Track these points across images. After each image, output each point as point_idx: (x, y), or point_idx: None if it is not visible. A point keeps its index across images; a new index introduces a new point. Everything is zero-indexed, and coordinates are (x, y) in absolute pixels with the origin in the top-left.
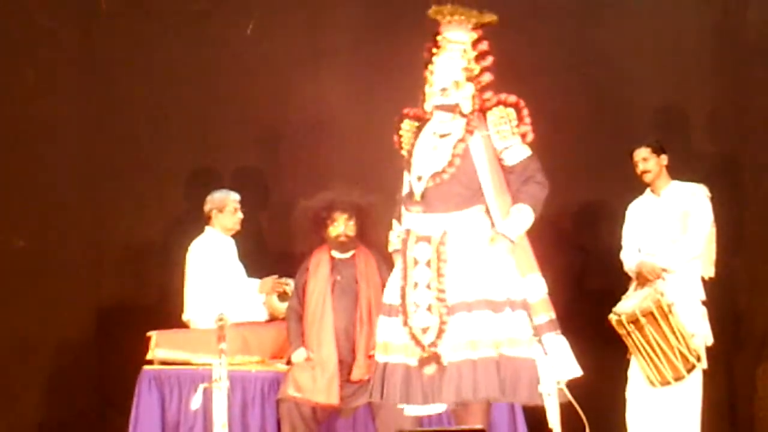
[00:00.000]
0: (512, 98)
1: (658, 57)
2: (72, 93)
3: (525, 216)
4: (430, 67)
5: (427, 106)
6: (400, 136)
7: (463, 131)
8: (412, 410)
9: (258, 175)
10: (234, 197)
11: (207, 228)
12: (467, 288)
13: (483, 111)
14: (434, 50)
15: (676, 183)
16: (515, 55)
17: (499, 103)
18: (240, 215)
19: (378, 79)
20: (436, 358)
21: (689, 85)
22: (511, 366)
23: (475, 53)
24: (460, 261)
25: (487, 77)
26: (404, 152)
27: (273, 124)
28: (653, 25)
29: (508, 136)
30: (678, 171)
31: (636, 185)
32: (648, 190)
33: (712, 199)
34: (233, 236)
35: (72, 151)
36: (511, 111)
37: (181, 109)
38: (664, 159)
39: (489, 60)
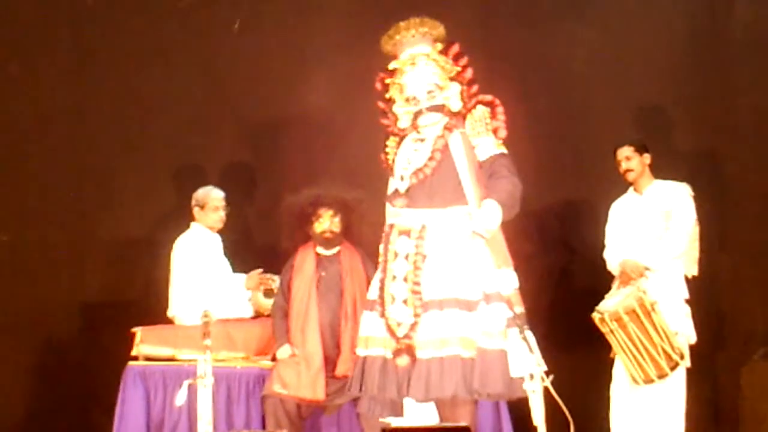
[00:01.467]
0: (488, 97)
1: (642, 55)
2: (58, 87)
3: (491, 211)
4: (398, 86)
5: (402, 123)
6: (387, 154)
7: (442, 129)
8: (396, 422)
9: (246, 172)
10: (216, 194)
11: (192, 224)
12: (441, 285)
13: (464, 114)
14: (392, 78)
15: (659, 182)
16: (499, 55)
17: (477, 103)
18: (222, 213)
19: (366, 76)
20: (409, 350)
21: (673, 84)
22: (484, 359)
23: (445, 58)
24: (437, 257)
25: (469, 73)
26: (390, 167)
27: (261, 120)
28: (638, 24)
29: (481, 133)
30: (661, 170)
31: (619, 184)
32: (631, 188)
33: (696, 197)
34: (219, 232)
35: (57, 145)
36: (487, 110)
37: (169, 105)
38: (647, 158)
39: (465, 59)
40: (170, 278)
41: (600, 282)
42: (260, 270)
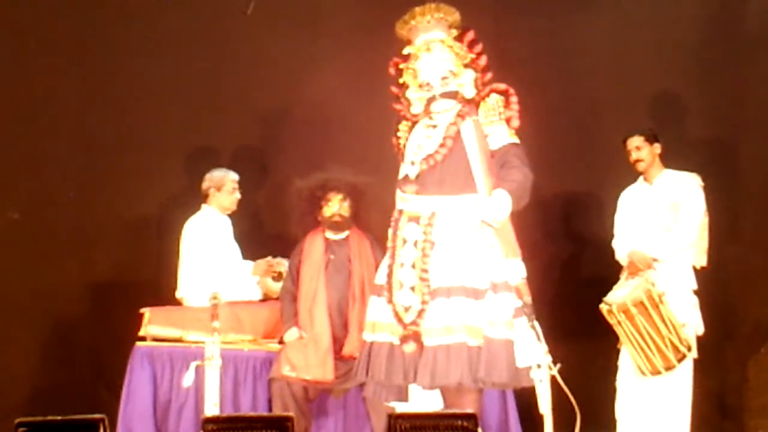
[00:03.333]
0: (502, 86)
1: (654, 45)
2: (70, 67)
3: (501, 201)
4: (412, 72)
5: (414, 109)
6: (398, 138)
7: (455, 116)
8: (402, 407)
9: (256, 155)
10: (232, 177)
11: (204, 206)
12: (449, 273)
13: (478, 102)
14: (406, 63)
15: (669, 172)
16: (510, 43)
17: (491, 91)
18: (237, 195)
19: (376, 62)
20: (416, 336)
21: (685, 74)
22: (490, 348)
23: (460, 45)
24: (445, 244)
25: (484, 60)
26: (401, 152)
27: (272, 104)
28: (651, 14)
29: (494, 122)
30: (672, 160)
31: (629, 173)
32: (641, 178)
33: (706, 188)
34: (229, 215)
35: (69, 124)
36: (501, 99)
37: (180, 87)
38: (657, 148)
39: (480, 46)
40: (180, 259)
41: (608, 272)
42: (269, 258)
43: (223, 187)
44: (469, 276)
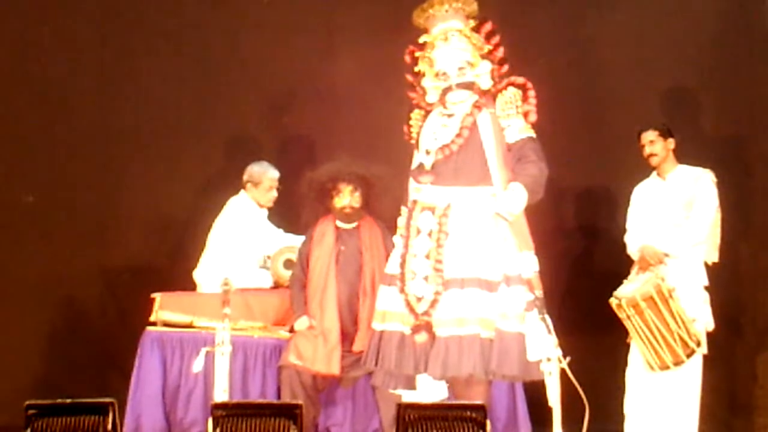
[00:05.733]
0: (520, 80)
1: (669, 40)
2: (86, 51)
3: (517, 194)
4: (428, 60)
5: (429, 98)
6: (410, 126)
7: (471, 107)
8: (409, 396)
9: (268, 144)
10: (271, 175)
11: (242, 192)
12: (463, 264)
13: (495, 94)
14: (423, 52)
15: (683, 167)
16: (525, 37)
17: (508, 84)
18: (274, 193)
19: (391, 54)
20: (427, 327)
21: (700, 69)
22: (502, 340)
23: (477, 35)
24: (460, 235)
25: (501, 52)
26: (413, 139)
27: (284, 94)
28: (667, 8)
29: (511, 115)
30: (685, 155)
31: (642, 168)
32: (654, 173)
33: (719, 184)
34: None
35: (86, 109)
36: (518, 92)
37: (197, 74)
38: (671, 143)
39: (497, 38)
40: (208, 239)
41: (619, 266)
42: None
43: (260, 184)
44: (483, 268)
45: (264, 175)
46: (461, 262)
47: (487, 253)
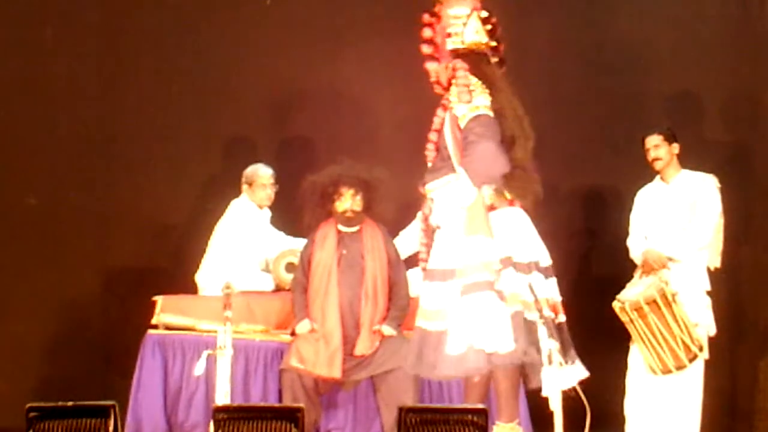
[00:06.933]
0: (458, 62)
1: (674, 44)
2: (89, 53)
3: (460, 180)
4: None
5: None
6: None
7: (440, 106)
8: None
9: (270, 146)
10: (263, 172)
11: (243, 194)
12: (432, 257)
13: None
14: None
15: (686, 172)
16: (531, 39)
17: (453, 69)
18: (269, 191)
19: (395, 55)
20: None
21: (705, 74)
22: (420, 338)
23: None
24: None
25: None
26: None
27: (286, 95)
28: (671, 13)
29: (462, 101)
30: (689, 160)
31: (646, 172)
32: (658, 177)
33: (722, 189)
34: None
35: (88, 111)
36: (465, 74)
37: (200, 75)
38: (675, 147)
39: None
40: (210, 242)
41: (622, 270)
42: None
43: (254, 183)
44: (437, 259)
45: (255, 174)
46: (432, 254)
47: (443, 244)
